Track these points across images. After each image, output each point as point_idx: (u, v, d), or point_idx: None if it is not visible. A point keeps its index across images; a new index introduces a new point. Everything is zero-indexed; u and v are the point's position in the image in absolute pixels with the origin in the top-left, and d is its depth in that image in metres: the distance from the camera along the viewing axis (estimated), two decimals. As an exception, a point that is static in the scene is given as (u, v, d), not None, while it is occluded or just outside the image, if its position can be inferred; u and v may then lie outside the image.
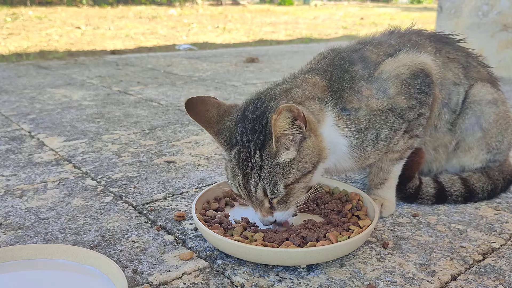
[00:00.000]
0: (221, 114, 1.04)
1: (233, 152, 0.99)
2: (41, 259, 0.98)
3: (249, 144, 0.96)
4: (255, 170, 0.96)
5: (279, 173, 0.95)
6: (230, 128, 1.01)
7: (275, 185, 0.96)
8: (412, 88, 1.16)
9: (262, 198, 0.98)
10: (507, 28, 3.31)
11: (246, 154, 0.97)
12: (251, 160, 0.96)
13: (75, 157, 1.69)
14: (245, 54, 4.84)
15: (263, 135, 0.96)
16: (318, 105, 1.06)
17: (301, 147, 0.97)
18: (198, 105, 1.05)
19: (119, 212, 1.25)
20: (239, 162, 0.98)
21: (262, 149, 0.95)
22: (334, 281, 0.93)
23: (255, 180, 0.96)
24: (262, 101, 1.02)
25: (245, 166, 0.97)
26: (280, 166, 0.95)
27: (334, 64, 1.16)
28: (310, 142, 0.98)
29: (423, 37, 1.32)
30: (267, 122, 0.96)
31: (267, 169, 0.95)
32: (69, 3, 11.36)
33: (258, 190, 0.97)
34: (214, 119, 1.04)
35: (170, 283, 0.92)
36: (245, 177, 0.98)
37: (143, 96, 2.79)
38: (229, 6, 13.82)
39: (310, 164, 0.99)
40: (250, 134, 0.97)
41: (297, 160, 0.96)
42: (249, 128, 0.97)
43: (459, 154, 1.35)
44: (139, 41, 6.19)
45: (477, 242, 1.09)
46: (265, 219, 1.02)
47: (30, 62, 4.27)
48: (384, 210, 1.22)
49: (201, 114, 1.04)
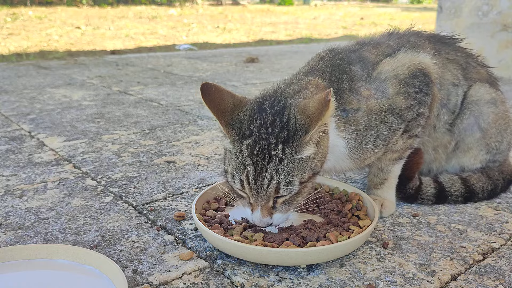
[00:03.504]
0: (236, 105, 1.01)
1: (246, 144, 0.95)
2: (41, 259, 0.98)
3: (267, 137, 0.94)
4: (273, 163, 0.92)
5: (296, 169, 0.94)
6: (243, 120, 0.98)
7: (291, 181, 0.93)
8: (410, 88, 1.16)
9: (272, 194, 0.95)
10: (507, 28, 3.31)
11: (264, 146, 0.93)
12: (271, 152, 0.93)
13: (75, 157, 1.69)
14: (245, 54, 4.84)
15: (286, 130, 0.94)
16: None
17: (319, 144, 0.97)
18: (213, 91, 1.00)
19: (119, 212, 1.25)
20: (252, 153, 0.94)
21: (286, 143, 0.93)
22: (334, 281, 0.93)
23: (271, 174, 0.93)
24: (279, 98, 1.00)
25: (260, 158, 0.93)
26: (299, 162, 0.94)
27: (333, 65, 1.16)
28: (326, 140, 0.99)
29: (422, 38, 1.32)
30: (289, 118, 0.95)
31: (287, 163, 0.93)
32: (69, 3, 11.36)
33: (271, 184, 0.93)
34: (229, 108, 0.99)
35: (170, 283, 0.93)
36: (258, 170, 0.94)
37: (143, 96, 2.79)
38: (229, 6, 13.82)
39: (320, 164, 0.99)
40: (270, 128, 0.94)
41: (313, 158, 0.96)
42: (269, 122, 0.95)
43: (458, 155, 1.35)
44: (139, 41, 6.19)
45: (477, 242, 1.09)
46: (264, 220, 0.97)
47: (30, 62, 4.27)
48: (384, 210, 1.22)
49: (216, 101, 0.99)
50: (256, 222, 0.99)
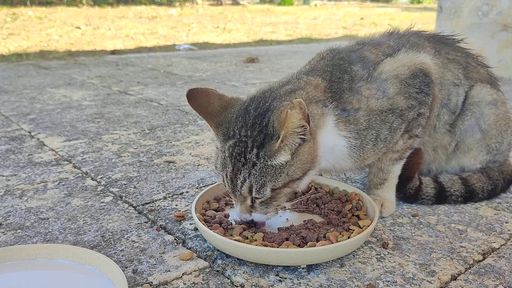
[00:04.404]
0: (223, 106, 1.04)
1: (228, 144, 0.99)
2: (41, 259, 0.98)
3: (246, 140, 0.96)
4: (246, 166, 0.96)
5: (269, 175, 0.95)
6: (230, 121, 1.01)
7: (262, 186, 0.96)
8: (411, 88, 1.16)
9: (246, 195, 0.98)
10: (507, 28, 3.31)
11: (242, 149, 0.96)
12: (246, 156, 0.96)
13: (75, 157, 1.69)
14: (245, 54, 4.84)
15: (263, 134, 0.95)
16: (320, 109, 1.05)
17: (297, 151, 0.96)
18: (200, 96, 1.04)
19: (119, 212, 1.25)
20: (232, 155, 0.97)
21: (261, 147, 0.95)
22: (334, 281, 0.93)
23: (244, 176, 0.96)
24: (266, 99, 1.01)
25: (237, 160, 0.97)
26: (272, 168, 0.95)
27: (333, 64, 1.16)
28: (307, 148, 0.98)
29: (422, 38, 1.32)
30: (268, 121, 0.96)
31: (259, 168, 0.95)
32: (69, 3, 11.36)
33: (244, 186, 0.97)
34: (216, 110, 1.03)
35: (170, 283, 0.93)
36: (235, 171, 0.97)
37: (143, 96, 2.79)
38: (229, 6, 13.82)
39: (301, 171, 0.98)
40: (250, 130, 0.96)
41: (290, 165, 0.96)
42: (249, 124, 0.97)
43: (458, 155, 1.35)
44: (139, 41, 6.19)
45: (477, 242, 1.09)
46: (243, 215, 1.02)
47: (30, 62, 4.27)
48: (384, 210, 1.22)
49: (203, 105, 1.03)
50: (236, 216, 1.05)
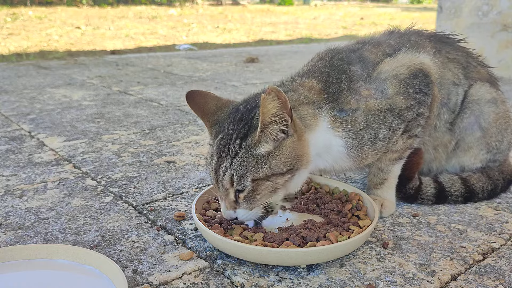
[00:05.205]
0: (219, 107, 1.09)
1: (217, 139, 1.03)
2: (41, 259, 0.98)
3: (232, 133, 1.00)
4: (229, 156, 0.98)
5: (250, 165, 0.97)
6: (223, 119, 1.05)
7: (243, 176, 0.97)
8: (410, 88, 1.16)
9: (228, 186, 1.00)
10: (507, 28, 3.31)
11: (226, 141, 1.00)
12: (229, 146, 0.99)
13: (75, 157, 1.69)
14: (245, 54, 4.84)
15: (248, 126, 0.99)
16: (312, 110, 1.06)
17: (281, 145, 0.98)
18: (197, 97, 1.11)
19: (119, 212, 1.25)
20: (218, 147, 1.01)
21: (244, 138, 0.98)
22: (334, 281, 0.93)
23: (226, 166, 0.98)
24: (256, 99, 1.05)
25: (221, 151, 1.00)
26: (254, 158, 0.97)
27: (332, 65, 1.16)
28: (291, 142, 0.99)
29: (422, 37, 1.32)
30: (254, 115, 1.00)
31: (240, 157, 0.97)
32: (69, 3, 11.36)
33: (226, 176, 0.98)
34: (212, 110, 1.09)
35: (170, 283, 0.93)
36: (219, 162, 1.00)
37: (143, 96, 2.79)
38: (229, 6, 13.82)
39: (285, 165, 0.99)
40: (236, 124, 1.01)
41: (272, 157, 0.98)
42: (237, 119, 1.01)
43: (458, 154, 1.35)
44: (139, 41, 6.19)
45: (477, 242, 1.09)
46: (227, 212, 1.03)
47: (30, 62, 4.28)
48: (384, 210, 1.22)
49: (200, 106, 1.10)
50: (222, 213, 1.05)
